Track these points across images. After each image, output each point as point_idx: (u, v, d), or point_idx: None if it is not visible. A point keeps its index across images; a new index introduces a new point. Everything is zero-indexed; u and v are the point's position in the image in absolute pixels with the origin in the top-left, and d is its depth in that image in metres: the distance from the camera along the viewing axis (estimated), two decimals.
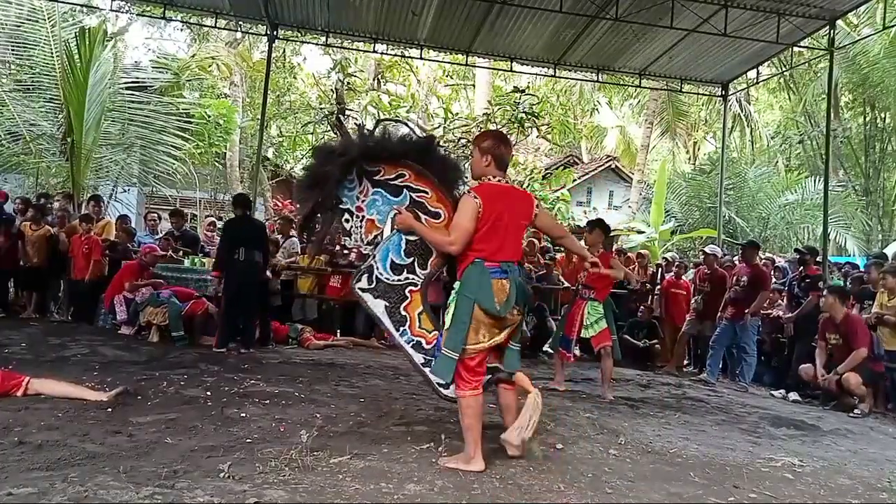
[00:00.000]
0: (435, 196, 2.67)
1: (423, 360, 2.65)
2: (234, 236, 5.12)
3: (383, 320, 2.67)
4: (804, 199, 11.77)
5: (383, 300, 2.66)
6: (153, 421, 2.77)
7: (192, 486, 2.02)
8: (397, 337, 2.67)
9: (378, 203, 2.71)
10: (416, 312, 2.65)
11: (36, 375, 3.14)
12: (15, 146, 8.79)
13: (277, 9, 7.07)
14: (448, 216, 2.60)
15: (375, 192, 2.71)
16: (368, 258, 2.74)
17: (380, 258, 2.67)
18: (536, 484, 2.32)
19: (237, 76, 14.06)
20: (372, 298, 2.67)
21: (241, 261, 4.97)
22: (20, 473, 2.03)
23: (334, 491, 2.08)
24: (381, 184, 2.71)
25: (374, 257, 2.68)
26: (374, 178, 2.72)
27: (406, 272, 2.66)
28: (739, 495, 2.44)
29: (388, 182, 2.71)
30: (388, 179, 2.71)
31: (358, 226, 2.73)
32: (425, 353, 2.64)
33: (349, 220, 2.74)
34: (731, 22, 6.15)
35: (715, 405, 4.56)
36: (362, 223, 2.72)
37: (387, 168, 2.71)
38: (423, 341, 2.65)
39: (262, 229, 5.48)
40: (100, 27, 9.34)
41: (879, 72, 11.41)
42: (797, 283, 5.96)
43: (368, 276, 2.68)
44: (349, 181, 2.72)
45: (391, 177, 2.71)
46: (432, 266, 2.67)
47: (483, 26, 6.97)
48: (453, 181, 2.72)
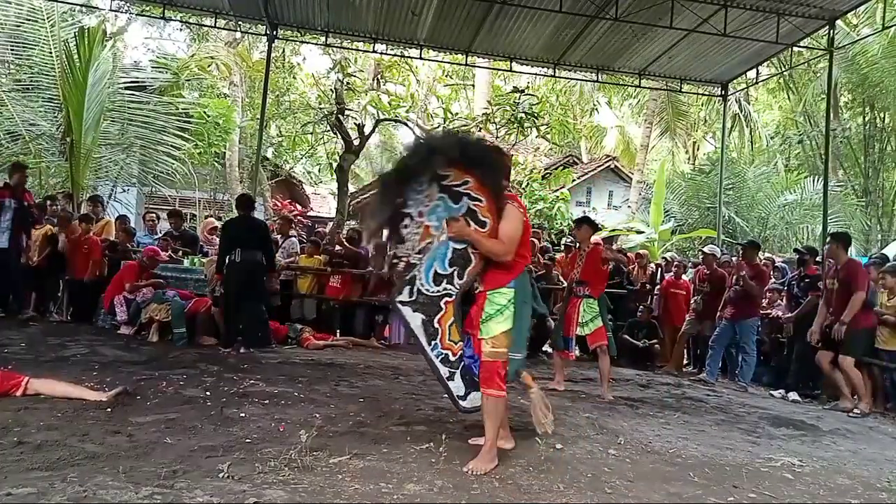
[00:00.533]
0: (487, 206, 2.56)
1: (447, 374, 2.60)
2: (233, 236, 5.10)
3: (418, 335, 2.59)
4: (803, 199, 11.78)
5: (421, 313, 2.57)
6: (153, 421, 2.77)
7: (191, 486, 2.02)
8: (428, 351, 2.59)
9: (439, 210, 2.57)
10: (448, 324, 2.58)
11: (35, 375, 3.14)
12: (14, 146, 8.79)
13: (277, 9, 7.07)
14: (493, 226, 2.54)
15: (440, 197, 2.58)
16: (413, 268, 2.60)
17: (424, 269, 2.57)
18: (536, 484, 2.32)
19: (237, 76, 14.05)
20: (410, 312, 2.58)
21: (238, 261, 4.96)
22: (19, 473, 2.03)
23: (334, 491, 2.08)
24: (446, 189, 2.58)
25: (420, 267, 2.57)
26: (443, 182, 2.58)
27: (445, 282, 2.57)
28: (739, 495, 2.44)
29: (453, 188, 2.57)
30: (454, 185, 2.57)
31: (415, 232, 2.59)
32: (451, 365, 2.60)
33: (408, 225, 2.60)
34: (731, 22, 6.16)
35: (714, 405, 4.56)
36: (419, 229, 2.59)
37: (456, 173, 2.57)
38: (450, 353, 2.60)
39: (263, 229, 5.44)
40: (99, 27, 9.35)
41: (879, 72, 11.42)
42: (796, 283, 5.96)
43: (410, 289, 2.58)
44: (420, 182, 2.58)
45: (457, 183, 2.57)
46: (470, 275, 2.57)
47: (483, 26, 6.97)
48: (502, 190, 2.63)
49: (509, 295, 2.52)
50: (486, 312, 2.52)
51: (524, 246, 2.59)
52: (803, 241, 11.14)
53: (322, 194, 19.77)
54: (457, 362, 2.59)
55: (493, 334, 2.48)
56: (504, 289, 2.53)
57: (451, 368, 2.59)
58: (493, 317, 2.50)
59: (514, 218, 2.52)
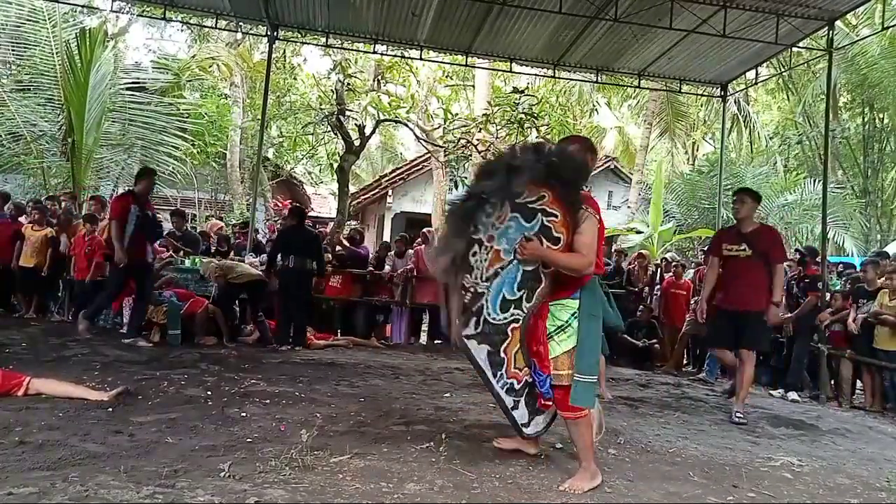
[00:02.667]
0: (562, 220, 2.27)
1: (512, 404, 2.44)
2: (286, 243, 5.54)
3: (483, 368, 2.38)
4: (803, 200, 11.78)
5: (487, 344, 2.34)
6: (154, 420, 2.78)
7: (192, 485, 2.03)
8: (494, 384, 2.40)
9: (511, 231, 2.29)
10: (514, 351, 2.35)
11: (37, 375, 3.15)
12: (16, 146, 8.82)
13: (278, 10, 7.08)
14: (567, 241, 2.26)
15: (512, 217, 2.28)
16: (481, 298, 2.32)
17: (492, 297, 2.31)
18: (536, 483, 2.32)
19: (237, 77, 14.06)
20: (476, 345, 2.35)
21: (290, 267, 5.41)
22: (21, 473, 2.04)
23: (334, 490, 2.08)
24: (519, 207, 2.28)
25: (487, 296, 2.31)
26: (517, 200, 2.28)
27: (513, 308, 2.31)
28: (738, 495, 2.45)
29: (528, 205, 2.28)
30: (529, 202, 2.28)
31: (483, 259, 2.30)
32: (515, 394, 2.43)
33: (476, 252, 2.30)
34: (730, 23, 6.16)
35: (714, 405, 4.56)
36: (489, 255, 2.30)
37: (531, 188, 2.27)
38: (516, 382, 2.41)
39: (314, 239, 5.85)
40: (100, 28, 9.38)
41: (878, 72, 11.43)
42: (796, 283, 5.97)
43: (476, 321, 2.33)
44: (490, 204, 2.29)
45: (532, 199, 2.28)
46: (539, 296, 2.29)
47: (483, 27, 6.98)
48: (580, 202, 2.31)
49: (573, 308, 2.29)
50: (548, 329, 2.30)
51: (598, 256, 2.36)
52: (802, 241, 11.15)
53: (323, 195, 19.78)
54: (521, 390, 2.43)
55: (555, 355, 2.28)
56: (568, 300, 2.30)
57: (516, 397, 2.43)
58: (553, 335, 2.29)
59: (592, 225, 2.27)
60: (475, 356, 2.38)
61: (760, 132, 15.12)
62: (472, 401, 3.78)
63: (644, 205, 12.79)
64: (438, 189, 12.01)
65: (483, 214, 2.32)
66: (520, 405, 2.44)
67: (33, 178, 9.29)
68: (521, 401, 2.44)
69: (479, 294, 2.33)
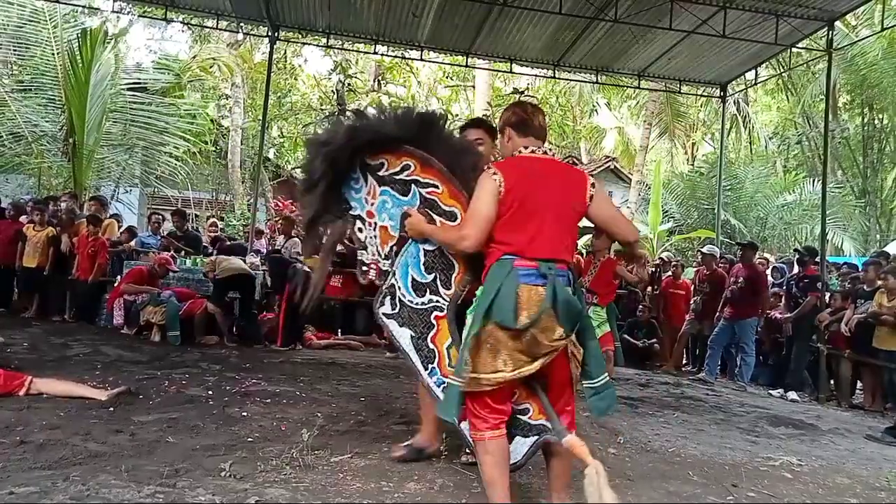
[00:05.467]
0: (447, 190, 2.08)
1: None
2: None
3: (410, 354, 2.14)
4: (802, 200, 11.79)
5: (409, 328, 2.13)
6: (155, 420, 2.78)
7: (193, 484, 2.03)
8: (425, 376, 2.12)
9: (388, 206, 2.18)
10: (445, 346, 2.07)
11: (38, 375, 3.15)
12: (17, 147, 8.83)
13: (278, 10, 7.09)
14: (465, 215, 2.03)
15: (383, 191, 2.19)
16: (389, 275, 2.19)
17: (400, 275, 2.15)
18: (536, 483, 2.33)
19: (238, 77, 14.07)
20: (397, 326, 2.16)
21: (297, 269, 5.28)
22: (22, 472, 2.05)
23: (335, 489, 2.09)
24: (387, 181, 2.18)
25: (395, 275, 2.17)
26: (379, 173, 2.19)
27: (429, 293, 2.11)
28: (738, 494, 2.45)
29: (395, 178, 2.17)
30: (394, 174, 2.17)
31: (373, 235, 2.22)
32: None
33: (363, 228, 2.24)
34: (730, 23, 6.17)
35: (713, 404, 4.57)
36: (376, 231, 2.21)
37: (390, 159, 2.17)
38: None
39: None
40: (101, 28, 9.38)
41: (877, 73, 11.43)
42: (795, 284, 5.98)
43: (391, 299, 2.17)
44: (354, 181, 2.21)
45: (396, 170, 2.16)
46: (457, 284, 2.06)
47: (483, 28, 6.99)
48: (466, 169, 2.05)
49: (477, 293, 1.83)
50: None
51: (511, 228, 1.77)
52: (802, 241, 11.15)
53: None
54: None
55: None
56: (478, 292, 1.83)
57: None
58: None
59: (482, 190, 1.79)
60: (397, 339, 2.17)
61: (760, 133, 15.12)
62: None
63: (643, 205, 12.80)
64: None
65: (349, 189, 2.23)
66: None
67: (34, 179, 9.30)
68: None
69: (384, 272, 2.21)
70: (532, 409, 1.94)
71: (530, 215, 1.77)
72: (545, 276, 1.73)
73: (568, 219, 1.84)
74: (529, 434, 1.96)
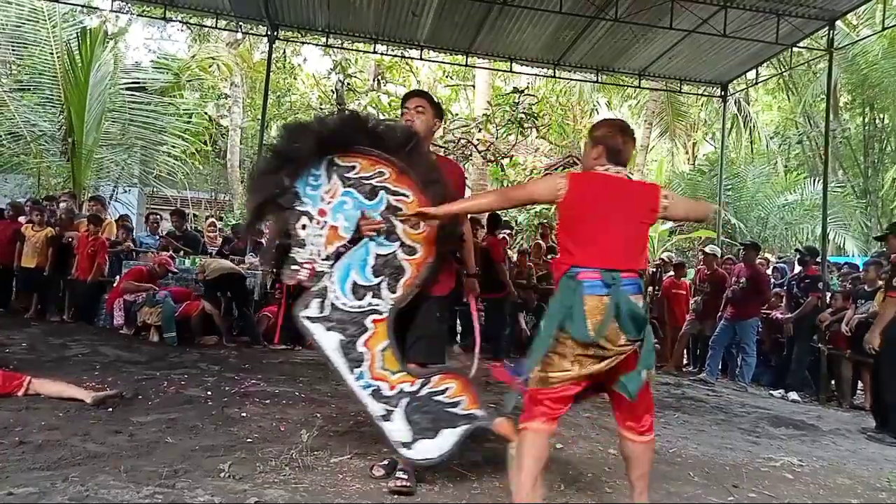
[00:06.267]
0: (417, 201, 2.11)
1: (382, 412, 2.08)
2: None
3: (334, 359, 2.10)
4: (803, 200, 11.78)
5: (338, 333, 2.10)
6: (154, 421, 2.78)
7: (192, 485, 2.03)
8: (351, 381, 2.09)
9: (347, 207, 2.15)
10: (379, 348, 2.09)
11: (36, 375, 3.14)
12: (16, 146, 8.82)
13: (278, 9, 7.08)
14: (432, 226, 2.12)
15: (346, 192, 2.15)
16: (323, 277, 2.13)
17: (337, 278, 2.11)
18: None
19: (237, 77, 14.07)
20: (322, 331, 2.11)
21: None
22: (21, 473, 2.04)
23: (335, 490, 2.08)
24: (354, 183, 2.16)
25: (331, 276, 2.12)
26: (347, 175, 2.16)
27: (370, 296, 2.10)
28: (739, 495, 2.45)
29: (363, 181, 2.16)
30: (364, 178, 2.16)
31: (317, 234, 2.14)
32: (386, 402, 2.08)
33: (307, 225, 2.14)
34: (731, 23, 6.16)
35: (714, 405, 4.57)
36: (323, 231, 2.14)
37: (364, 164, 2.16)
38: (385, 386, 2.09)
39: None
40: (100, 28, 9.39)
41: (878, 72, 11.42)
42: (796, 284, 5.98)
43: (320, 302, 2.11)
44: (314, 177, 2.15)
45: (368, 175, 2.16)
46: (405, 287, 2.09)
47: (483, 27, 6.98)
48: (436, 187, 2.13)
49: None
50: None
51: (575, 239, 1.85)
52: (803, 241, 11.15)
53: None
54: (395, 399, 2.07)
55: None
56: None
57: (387, 406, 2.07)
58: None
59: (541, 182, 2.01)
60: (321, 344, 2.13)
61: (761, 132, 15.11)
62: None
63: None
64: None
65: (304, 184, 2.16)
66: (395, 417, 2.07)
67: (33, 178, 9.29)
68: (398, 412, 2.08)
69: (318, 273, 2.14)
70: (465, 401, 2.09)
71: (596, 227, 1.85)
72: (609, 286, 1.79)
73: (635, 229, 1.91)
74: (458, 425, 2.08)
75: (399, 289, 2.12)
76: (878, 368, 4.18)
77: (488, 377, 4.79)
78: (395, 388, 2.09)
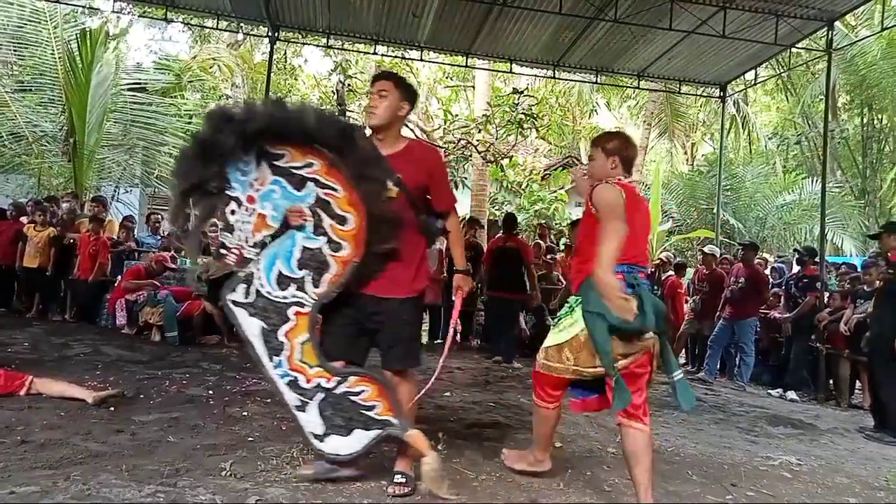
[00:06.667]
0: (346, 197, 2.07)
1: (297, 403, 2.10)
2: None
3: (255, 345, 2.10)
4: (802, 200, 11.80)
5: (260, 320, 2.09)
6: (155, 419, 2.79)
7: (193, 484, 2.04)
8: (269, 369, 2.10)
9: (275, 196, 2.11)
10: (299, 340, 2.08)
11: (38, 375, 3.16)
12: (17, 147, 8.83)
13: (279, 10, 7.10)
14: (358, 224, 2.06)
15: (275, 181, 2.11)
16: (250, 263, 2.14)
17: (264, 266, 2.10)
18: (536, 482, 2.34)
19: (238, 78, 14.08)
20: (246, 316, 2.10)
21: None
22: (23, 472, 2.05)
23: (335, 489, 2.09)
24: (283, 172, 2.12)
25: (258, 263, 2.11)
26: (277, 163, 2.12)
27: (294, 288, 2.09)
28: (737, 494, 2.46)
29: (293, 171, 2.11)
30: (294, 168, 2.10)
31: (245, 220, 2.12)
32: (302, 393, 2.09)
33: (235, 211, 2.13)
34: (730, 23, 6.18)
35: (713, 404, 4.58)
36: (251, 217, 2.12)
37: (294, 153, 2.10)
38: (302, 378, 2.09)
39: None
40: (101, 28, 9.39)
41: (877, 73, 11.44)
42: (794, 284, 5.99)
43: (246, 288, 2.12)
44: (244, 162, 2.12)
45: (297, 164, 2.10)
46: (330, 284, 2.08)
47: (483, 28, 7.00)
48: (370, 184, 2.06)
49: (569, 303, 2.21)
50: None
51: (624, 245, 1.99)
52: (801, 241, 11.16)
53: None
54: (311, 392, 2.08)
55: (547, 345, 2.25)
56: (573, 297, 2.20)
57: (303, 397, 2.10)
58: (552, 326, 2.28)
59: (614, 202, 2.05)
60: (245, 328, 2.12)
61: (759, 133, 15.13)
62: (473, 400, 3.79)
63: None
64: None
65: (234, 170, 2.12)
66: (309, 409, 2.09)
67: (34, 179, 9.30)
68: (313, 405, 2.09)
69: (245, 259, 2.14)
70: (380, 406, 2.09)
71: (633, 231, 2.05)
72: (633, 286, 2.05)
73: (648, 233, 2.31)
74: (372, 428, 2.09)
75: (323, 284, 2.09)
76: (875, 368, 4.20)
77: (488, 377, 4.81)
78: (312, 382, 2.09)
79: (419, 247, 2.20)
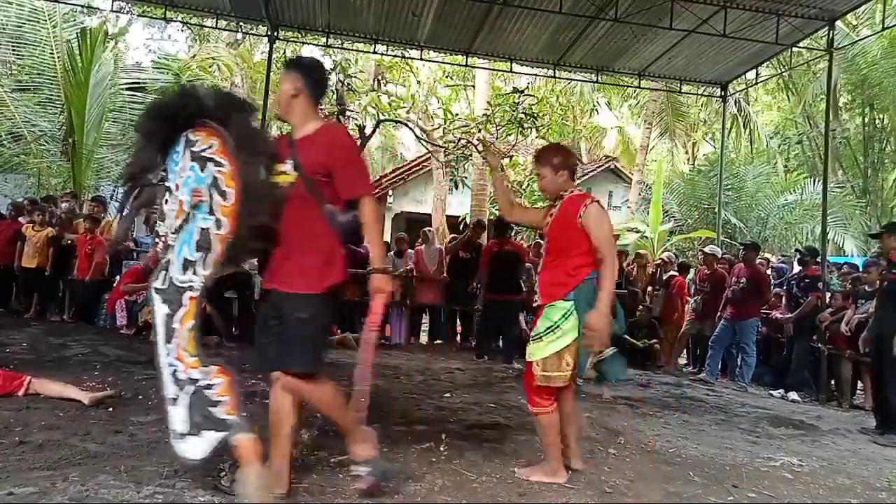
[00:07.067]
0: (230, 172, 2.00)
1: (173, 395, 1.94)
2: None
3: (159, 332, 2.02)
4: (803, 200, 11.78)
5: (166, 306, 2.02)
6: (154, 420, 2.77)
7: (192, 485, 2.03)
8: (162, 357, 1.99)
9: (190, 181, 2.07)
10: (187, 327, 1.96)
11: (36, 375, 3.15)
12: (16, 146, 8.83)
13: (278, 9, 7.08)
14: (236, 199, 1.96)
15: (191, 167, 2.08)
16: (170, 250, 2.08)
17: (176, 252, 2.05)
18: (536, 483, 2.32)
19: (238, 77, 14.06)
20: (159, 302, 2.03)
21: None
22: (21, 473, 2.04)
23: (334, 490, 2.08)
24: (196, 157, 2.08)
25: (173, 250, 2.06)
26: (193, 149, 2.09)
27: (191, 272, 2.01)
28: (739, 495, 2.45)
29: (202, 154, 2.07)
30: (202, 150, 2.06)
31: (172, 208, 2.10)
32: (178, 386, 1.94)
33: (168, 200, 2.10)
34: (731, 23, 6.17)
35: (714, 405, 4.57)
36: (175, 205, 2.09)
37: (203, 136, 2.07)
38: (181, 368, 1.94)
39: None
40: (100, 28, 9.40)
41: (878, 72, 11.42)
42: (796, 284, 5.98)
43: (164, 275, 2.05)
44: (176, 152, 2.10)
45: (204, 147, 2.06)
46: (213, 265, 2.00)
47: (483, 27, 6.98)
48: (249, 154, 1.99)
49: (564, 309, 2.26)
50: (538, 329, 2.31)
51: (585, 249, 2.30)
52: (803, 241, 11.15)
53: None
54: (184, 384, 1.93)
55: (544, 356, 2.26)
56: (560, 301, 2.27)
57: (178, 390, 1.94)
58: (542, 336, 2.29)
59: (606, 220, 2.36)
60: (156, 313, 2.05)
61: (760, 132, 15.12)
62: (473, 401, 3.78)
63: (644, 205, 12.80)
64: (438, 189, 12.01)
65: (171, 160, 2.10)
66: (179, 403, 1.93)
67: (33, 178, 9.30)
68: (183, 399, 1.93)
69: (170, 246, 2.09)
70: (226, 402, 1.92)
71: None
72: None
73: None
74: (218, 429, 1.90)
75: (208, 266, 1.99)
76: (882, 369, 4.18)
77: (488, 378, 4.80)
78: (187, 373, 1.94)
79: (326, 238, 2.02)
